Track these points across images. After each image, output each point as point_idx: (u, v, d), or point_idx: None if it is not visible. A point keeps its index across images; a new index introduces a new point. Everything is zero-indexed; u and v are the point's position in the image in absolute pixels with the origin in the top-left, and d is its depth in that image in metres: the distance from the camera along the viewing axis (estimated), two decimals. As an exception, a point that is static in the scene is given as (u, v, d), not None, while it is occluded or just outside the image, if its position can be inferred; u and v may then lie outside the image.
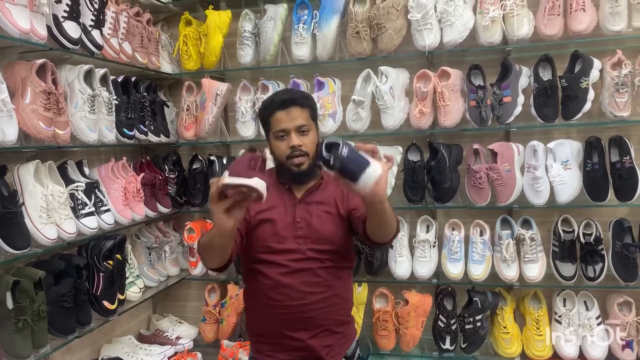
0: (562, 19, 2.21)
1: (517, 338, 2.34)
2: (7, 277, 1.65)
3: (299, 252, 1.62)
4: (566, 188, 2.20)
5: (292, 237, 1.63)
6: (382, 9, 2.30)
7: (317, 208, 1.66)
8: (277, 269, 1.62)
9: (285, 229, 1.64)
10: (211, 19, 2.54)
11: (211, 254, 1.54)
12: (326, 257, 1.64)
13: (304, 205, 1.66)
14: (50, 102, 1.78)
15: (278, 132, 1.63)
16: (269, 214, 1.65)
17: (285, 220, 1.64)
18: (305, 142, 1.62)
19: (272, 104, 1.66)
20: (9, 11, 1.63)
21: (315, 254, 1.63)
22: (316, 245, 1.63)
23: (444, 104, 2.29)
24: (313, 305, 1.62)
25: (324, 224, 1.65)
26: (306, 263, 1.62)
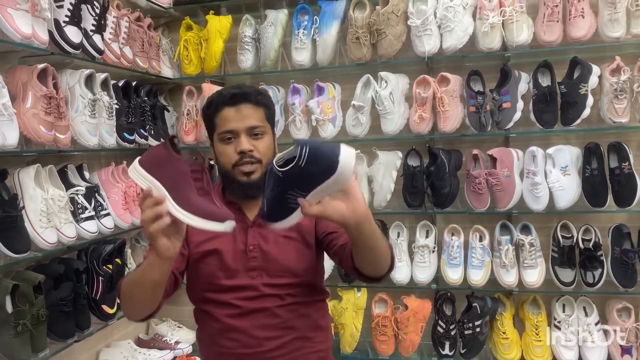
0: (561, 25, 2.22)
1: (516, 344, 2.34)
2: (6, 281, 1.66)
3: (252, 289, 1.35)
4: (565, 194, 2.21)
5: (243, 271, 1.35)
6: (382, 14, 2.31)
7: (274, 232, 1.33)
8: (226, 310, 1.35)
9: (235, 260, 1.35)
10: (212, 24, 2.56)
11: (141, 297, 1.20)
12: (287, 292, 1.36)
13: (257, 229, 1.37)
14: (51, 106, 1.78)
15: (224, 134, 1.35)
16: (213, 244, 1.36)
17: (234, 250, 1.36)
18: (258, 146, 1.35)
19: (219, 98, 1.38)
20: (11, 16, 1.64)
21: (272, 290, 1.35)
22: (274, 279, 1.35)
23: (443, 110, 2.30)
24: (272, 353, 1.34)
25: (283, 252, 1.36)
26: (261, 302, 1.34)
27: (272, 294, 1.35)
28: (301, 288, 1.38)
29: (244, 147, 1.33)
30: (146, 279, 1.14)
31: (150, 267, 1.12)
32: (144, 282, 1.16)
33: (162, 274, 1.14)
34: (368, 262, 1.23)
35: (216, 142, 1.39)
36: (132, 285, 1.20)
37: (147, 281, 1.15)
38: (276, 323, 1.35)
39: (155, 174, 1.07)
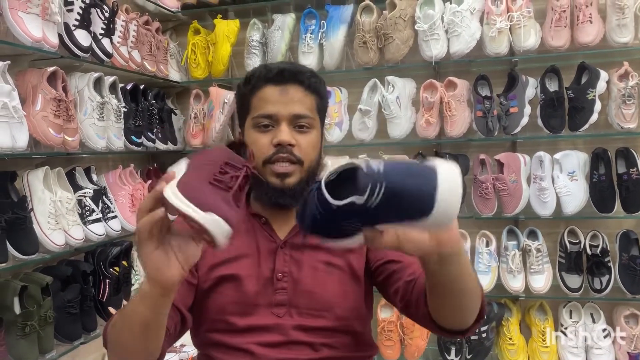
0: (569, 30, 2.21)
1: (522, 349, 2.33)
2: (14, 282, 1.67)
3: (276, 332, 1.01)
4: (572, 199, 2.20)
5: (266, 306, 1.02)
6: (389, 19, 2.32)
7: (312, 257, 1.02)
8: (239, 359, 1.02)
9: (257, 291, 1.02)
10: (219, 28, 2.57)
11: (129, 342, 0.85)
12: (323, 341, 1.01)
13: (289, 251, 1.04)
14: (60, 109, 1.79)
15: (261, 118, 1.04)
16: (230, 268, 1.03)
17: (257, 277, 1.03)
18: (301, 142, 1.03)
19: (263, 72, 1.07)
20: (22, 20, 1.65)
21: (304, 336, 1.01)
22: (307, 319, 1.01)
23: (450, 114, 2.30)
24: None
25: (322, 284, 1.02)
26: (288, 351, 1.00)
27: (303, 342, 1.01)
28: (343, 337, 1.04)
29: (284, 138, 1.01)
30: (134, 315, 0.81)
31: (140, 300, 0.80)
32: (131, 320, 0.83)
33: (155, 310, 0.80)
34: (450, 310, 0.89)
35: (248, 130, 1.07)
36: (119, 325, 0.87)
37: (135, 319, 0.82)
38: None
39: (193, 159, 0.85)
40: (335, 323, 1.02)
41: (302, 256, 1.04)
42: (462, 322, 0.91)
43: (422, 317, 0.94)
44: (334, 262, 1.04)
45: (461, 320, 0.91)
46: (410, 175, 0.67)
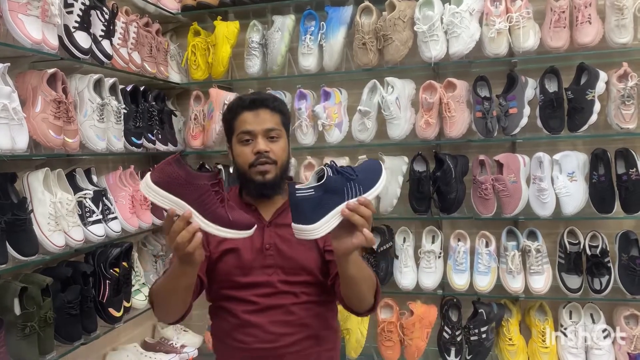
0: (568, 31, 2.22)
1: (522, 350, 2.33)
2: (15, 283, 1.67)
3: (268, 286, 1.41)
4: (572, 200, 2.20)
5: (259, 268, 1.42)
6: (388, 20, 2.32)
7: (289, 232, 1.30)
8: (243, 306, 1.42)
9: (252, 258, 1.42)
10: (219, 30, 2.57)
11: (175, 301, 1.32)
12: (302, 290, 1.42)
13: (273, 229, 1.44)
14: (60, 110, 1.80)
15: (242, 135, 1.43)
16: (231, 243, 1.41)
17: (251, 248, 1.42)
18: (274, 148, 1.43)
19: (239, 104, 1.48)
20: (22, 22, 1.66)
21: (288, 287, 1.41)
22: (289, 276, 1.41)
23: (449, 115, 2.30)
24: (286, 349, 1.40)
25: (297, 251, 1.40)
26: (277, 298, 1.41)
27: (287, 291, 1.41)
28: (315, 287, 1.44)
29: (261, 147, 1.41)
30: (179, 285, 1.27)
31: (182, 275, 1.24)
32: (177, 289, 1.28)
33: (192, 279, 1.29)
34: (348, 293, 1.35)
35: (234, 145, 1.47)
36: (166, 292, 1.31)
37: (180, 287, 1.28)
38: (291, 320, 1.41)
39: (177, 193, 1.12)
40: (308, 278, 1.43)
41: (282, 232, 1.43)
42: (361, 307, 1.39)
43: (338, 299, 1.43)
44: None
45: (358, 305, 1.38)
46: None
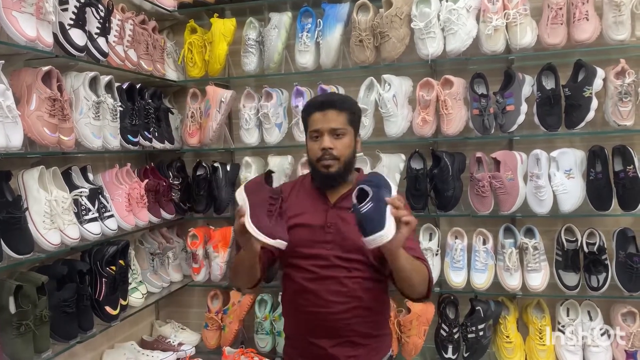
0: (566, 28, 2.21)
1: (519, 348, 2.33)
2: (10, 282, 1.67)
3: (325, 259, 1.60)
4: (569, 197, 2.20)
5: (320, 242, 1.61)
6: (385, 17, 2.31)
7: (349, 215, 1.51)
8: (303, 274, 1.62)
9: (315, 233, 1.62)
10: (216, 27, 2.57)
11: (242, 273, 1.63)
12: (354, 266, 1.60)
13: (336, 211, 1.64)
14: (55, 108, 1.80)
15: (312, 133, 1.64)
16: (301, 219, 1.64)
17: (316, 225, 1.63)
18: (338, 145, 1.61)
19: (312, 104, 1.70)
20: (16, 19, 1.65)
21: (341, 262, 1.59)
22: (344, 253, 1.59)
23: (446, 112, 2.29)
24: (336, 315, 1.58)
25: (353, 232, 1.50)
26: (332, 270, 1.59)
27: (341, 266, 1.59)
28: (366, 266, 1.60)
29: (325, 145, 1.60)
30: (244, 262, 1.56)
31: (245, 255, 1.53)
32: (244, 264, 1.57)
33: (253, 260, 1.54)
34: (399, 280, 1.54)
35: (308, 140, 1.68)
36: (237, 266, 1.65)
37: (245, 264, 1.57)
38: (343, 291, 1.58)
39: (248, 196, 1.51)
40: (360, 257, 1.59)
41: (343, 214, 1.61)
42: (410, 292, 1.58)
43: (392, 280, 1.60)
44: None
45: (409, 290, 1.57)
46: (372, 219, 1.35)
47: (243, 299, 2.61)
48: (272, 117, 2.51)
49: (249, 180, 1.64)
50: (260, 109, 2.53)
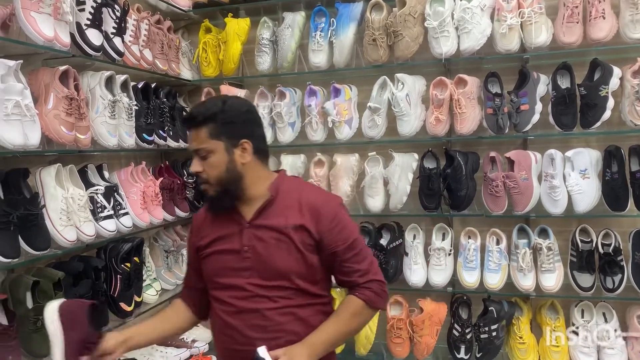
0: (582, 26, 2.19)
1: (533, 349, 2.31)
2: (27, 278, 1.70)
3: (242, 289, 1.39)
4: (584, 197, 2.17)
5: (237, 270, 1.40)
6: (399, 16, 2.31)
7: (268, 234, 1.37)
8: (223, 307, 1.42)
9: (231, 260, 1.41)
10: (230, 27, 2.58)
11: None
12: (278, 295, 1.38)
13: (252, 230, 1.41)
14: (72, 107, 1.83)
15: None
16: (215, 246, 1.45)
17: (231, 250, 1.42)
18: (205, 167, 1.39)
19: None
20: (34, 19, 1.68)
21: (263, 291, 1.38)
22: (264, 280, 1.38)
23: (460, 112, 2.28)
24: None
25: (274, 254, 1.37)
26: (252, 302, 1.38)
27: (263, 296, 1.38)
28: (295, 291, 1.40)
29: (191, 169, 1.44)
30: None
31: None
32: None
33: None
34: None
35: None
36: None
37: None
38: (267, 325, 1.38)
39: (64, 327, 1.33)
40: (286, 283, 1.39)
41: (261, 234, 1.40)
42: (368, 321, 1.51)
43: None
44: (281, 238, 1.39)
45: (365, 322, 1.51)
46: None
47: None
48: (285, 116, 2.52)
49: (67, 301, 1.40)
50: (274, 108, 2.54)
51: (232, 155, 1.40)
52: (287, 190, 1.45)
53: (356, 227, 1.47)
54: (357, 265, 1.42)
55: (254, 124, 1.46)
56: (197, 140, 1.40)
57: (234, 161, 1.40)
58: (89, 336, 1.34)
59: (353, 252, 1.41)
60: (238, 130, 1.41)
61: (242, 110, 1.44)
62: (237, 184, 1.42)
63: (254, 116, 1.47)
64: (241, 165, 1.41)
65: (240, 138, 1.41)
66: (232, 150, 1.40)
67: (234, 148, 1.40)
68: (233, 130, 1.40)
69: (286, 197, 1.43)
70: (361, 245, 1.45)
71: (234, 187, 1.41)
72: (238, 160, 1.40)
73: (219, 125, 1.39)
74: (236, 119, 1.41)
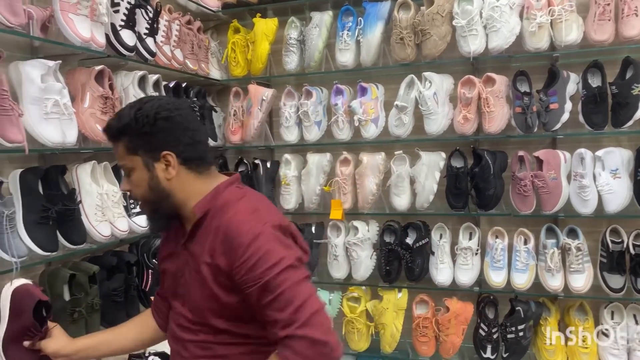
0: (613, 24, 2.15)
1: (561, 350, 2.29)
2: (64, 270, 1.76)
3: (179, 314, 1.27)
4: (615, 197, 2.14)
5: (175, 294, 1.29)
6: (426, 15, 2.31)
7: (192, 262, 1.21)
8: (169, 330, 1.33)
9: (172, 282, 1.30)
10: (258, 27, 2.62)
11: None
12: (198, 328, 1.22)
13: (186, 253, 1.25)
14: (107, 106, 1.87)
15: None
16: (164, 263, 1.34)
17: (172, 271, 1.30)
18: (131, 185, 1.25)
19: None
20: (72, 21, 1.74)
21: (187, 323, 1.24)
22: (188, 311, 1.24)
23: (488, 110, 2.27)
24: None
25: (192, 287, 1.22)
26: (181, 330, 1.26)
27: (186, 326, 1.24)
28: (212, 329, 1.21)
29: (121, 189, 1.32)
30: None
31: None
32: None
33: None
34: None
35: None
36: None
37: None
38: (187, 356, 1.24)
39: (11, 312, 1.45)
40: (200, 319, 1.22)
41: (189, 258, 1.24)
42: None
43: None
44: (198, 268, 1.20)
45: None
46: None
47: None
48: (312, 115, 2.55)
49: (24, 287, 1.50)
50: (300, 107, 2.57)
51: (154, 170, 1.21)
52: (219, 208, 1.20)
53: (283, 262, 1.09)
54: (276, 314, 1.07)
55: (177, 130, 1.20)
56: (117, 155, 1.24)
57: (157, 177, 1.21)
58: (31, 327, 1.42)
59: (270, 296, 1.08)
60: (156, 141, 1.19)
61: (158, 116, 1.18)
62: (166, 203, 1.23)
63: (176, 121, 1.20)
64: (166, 181, 1.21)
65: (161, 150, 1.19)
66: (152, 165, 1.21)
67: (155, 162, 1.20)
68: (150, 142, 1.19)
69: (214, 218, 1.20)
70: (283, 287, 1.07)
71: (164, 207, 1.24)
72: (161, 177, 1.21)
73: (134, 137, 1.20)
74: (151, 128, 1.18)
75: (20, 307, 1.46)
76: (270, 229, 1.14)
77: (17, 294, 1.48)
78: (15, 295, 1.48)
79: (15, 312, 1.45)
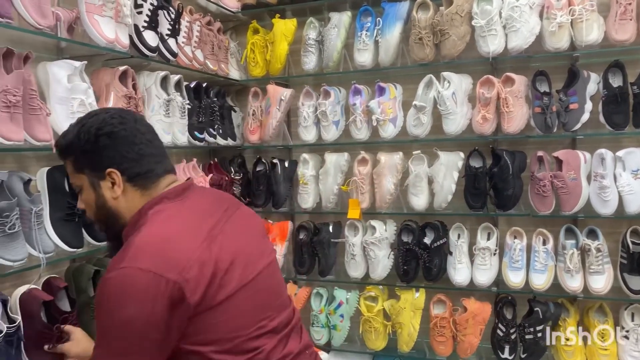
0: (635, 23, 2.14)
1: (580, 351, 2.27)
2: (89, 267, 1.79)
3: None
4: (636, 198, 2.12)
5: None
6: (445, 15, 2.32)
7: None
8: None
9: None
10: (277, 28, 2.64)
11: None
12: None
13: None
14: (130, 105, 1.91)
15: None
16: None
17: None
18: (83, 205, 1.21)
19: None
20: (97, 22, 1.78)
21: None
22: None
23: (507, 110, 2.27)
24: None
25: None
26: None
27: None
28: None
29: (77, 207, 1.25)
30: None
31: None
32: None
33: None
34: None
35: None
36: None
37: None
38: None
39: (23, 319, 1.50)
40: None
41: None
42: None
43: None
44: None
45: None
46: None
47: (299, 292, 2.67)
48: (330, 115, 2.56)
49: (32, 291, 1.55)
50: (318, 107, 2.59)
51: (99, 190, 1.15)
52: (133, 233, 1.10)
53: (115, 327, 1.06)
54: None
55: (121, 146, 1.14)
56: (69, 172, 1.20)
57: (103, 197, 1.15)
58: (45, 329, 1.47)
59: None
60: (100, 159, 1.14)
61: (100, 132, 1.13)
62: (116, 223, 1.17)
63: (120, 136, 1.14)
64: (112, 200, 1.15)
65: (105, 168, 1.14)
66: (98, 184, 1.15)
67: (101, 181, 1.15)
68: (93, 160, 1.14)
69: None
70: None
71: (115, 227, 1.17)
72: (108, 196, 1.15)
73: (79, 155, 1.16)
74: (93, 146, 1.13)
75: (29, 313, 1.50)
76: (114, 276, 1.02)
77: (23, 302, 1.53)
78: (22, 303, 1.53)
79: (26, 319, 1.50)
